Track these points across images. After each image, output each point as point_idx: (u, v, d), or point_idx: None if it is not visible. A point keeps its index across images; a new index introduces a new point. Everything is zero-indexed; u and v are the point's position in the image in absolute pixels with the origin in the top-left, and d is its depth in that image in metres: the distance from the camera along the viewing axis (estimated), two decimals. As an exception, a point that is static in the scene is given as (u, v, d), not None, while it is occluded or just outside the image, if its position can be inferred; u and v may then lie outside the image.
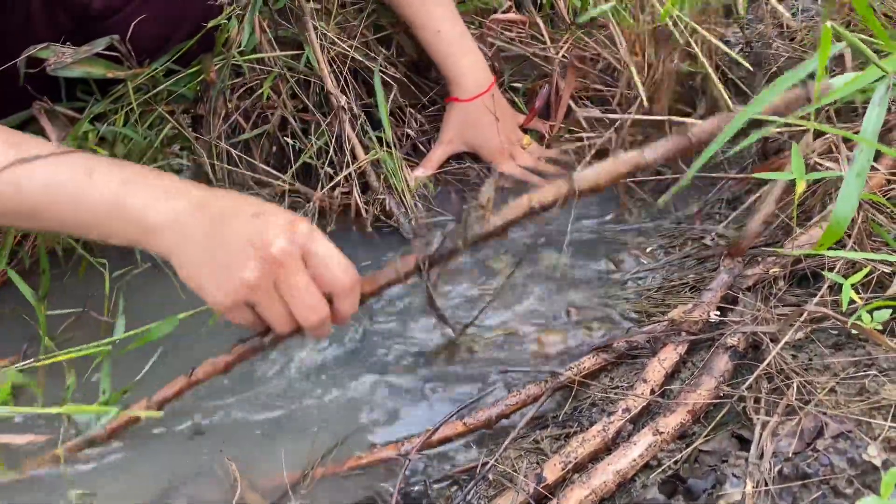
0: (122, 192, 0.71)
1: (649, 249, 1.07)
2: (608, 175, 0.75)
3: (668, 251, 1.06)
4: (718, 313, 0.85)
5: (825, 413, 0.68)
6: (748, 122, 0.66)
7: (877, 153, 0.70)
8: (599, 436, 0.75)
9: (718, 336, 0.81)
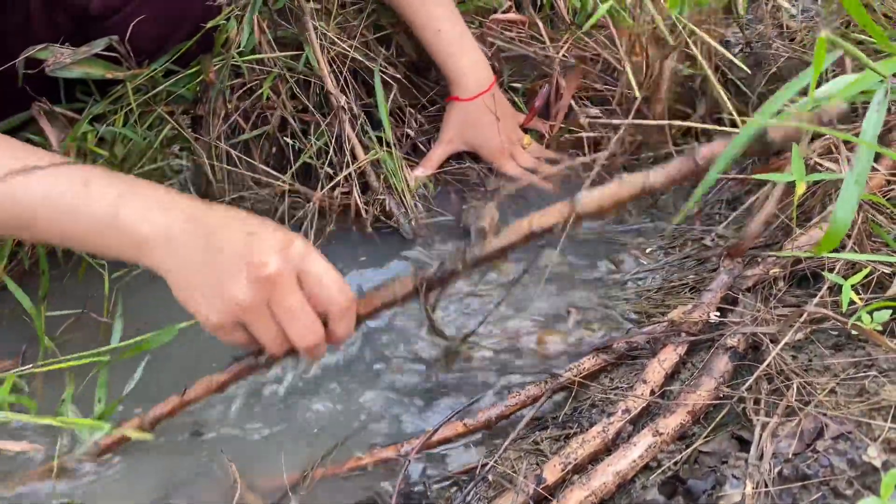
0: (117, 204, 0.70)
1: (649, 250, 1.07)
2: (612, 199, 0.72)
3: (668, 252, 1.06)
4: (718, 314, 0.85)
5: (825, 414, 0.68)
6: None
7: (877, 153, 0.70)
8: (599, 437, 0.75)
9: (718, 337, 0.81)
